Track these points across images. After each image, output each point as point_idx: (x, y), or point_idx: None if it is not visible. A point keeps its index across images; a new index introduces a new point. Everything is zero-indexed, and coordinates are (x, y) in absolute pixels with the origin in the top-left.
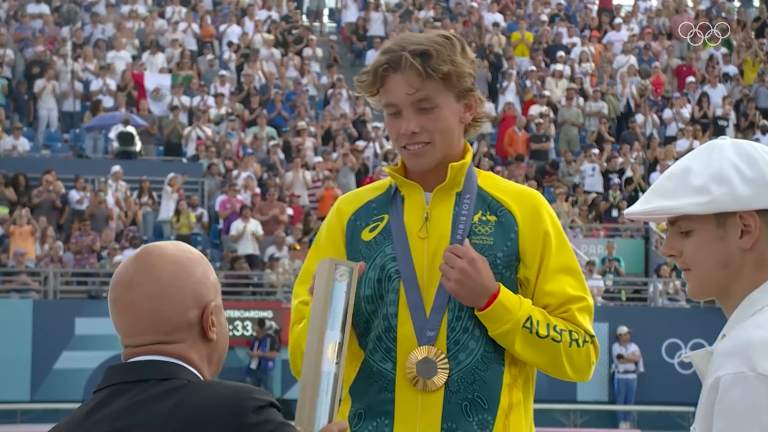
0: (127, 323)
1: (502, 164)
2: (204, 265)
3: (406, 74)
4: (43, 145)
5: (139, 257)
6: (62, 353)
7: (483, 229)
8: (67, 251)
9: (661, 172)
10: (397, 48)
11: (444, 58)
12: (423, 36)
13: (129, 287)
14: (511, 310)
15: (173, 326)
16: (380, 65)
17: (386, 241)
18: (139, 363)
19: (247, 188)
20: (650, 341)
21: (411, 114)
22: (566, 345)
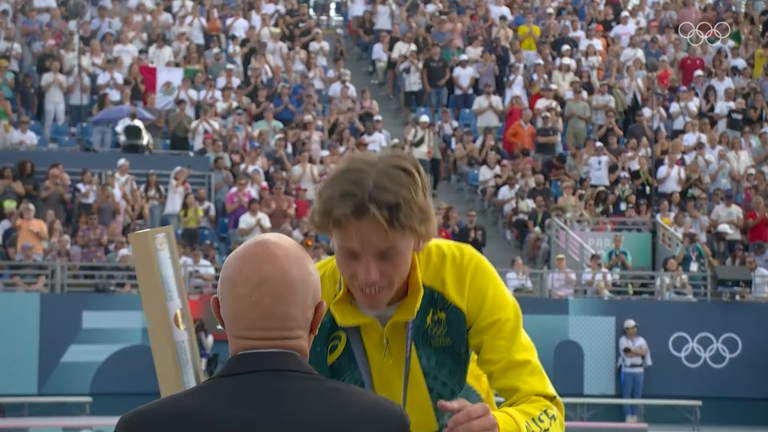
0: (252, 319)
1: (508, 158)
2: (313, 263)
3: (371, 227)
4: (51, 138)
5: (266, 258)
6: (69, 347)
7: (437, 330)
8: (74, 245)
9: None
10: (360, 193)
11: (412, 208)
12: (384, 174)
13: (258, 287)
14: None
15: (296, 324)
16: (343, 215)
17: (351, 364)
18: (286, 354)
19: (255, 182)
20: (657, 335)
21: (371, 262)
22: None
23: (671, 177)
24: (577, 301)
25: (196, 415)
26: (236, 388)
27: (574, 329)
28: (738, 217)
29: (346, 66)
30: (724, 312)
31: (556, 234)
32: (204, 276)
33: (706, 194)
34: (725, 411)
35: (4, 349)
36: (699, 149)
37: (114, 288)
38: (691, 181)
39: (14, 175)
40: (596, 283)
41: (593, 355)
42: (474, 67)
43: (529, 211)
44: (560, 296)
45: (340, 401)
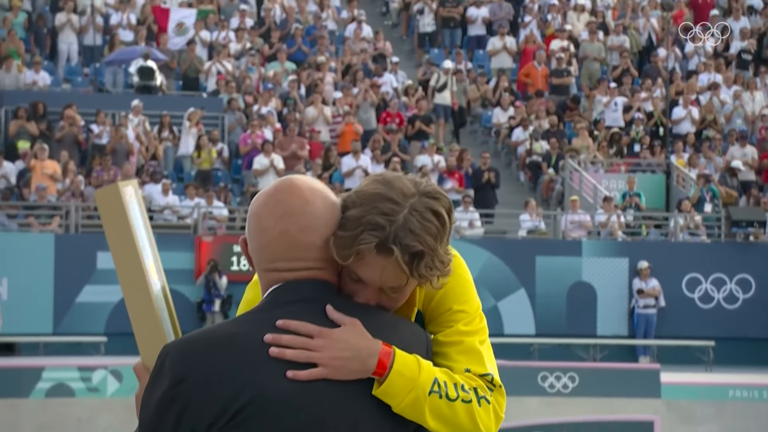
0: (278, 250)
1: (522, 99)
2: (337, 199)
3: (388, 267)
4: (64, 79)
5: (292, 190)
6: (84, 287)
7: None
8: (88, 185)
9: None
10: (389, 230)
11: (434, 261)
12: (418, 216)
13: (284, 218)
14: (410, 376)
15: (322, 255)
16: (367, 248)
17: None
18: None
19: (268, 123)
20: (671, 276)
21: (374, 294)
22: (477, 401)
23: (686, 118)
24: (590, 243)
25: (242, 339)
26: (270, 317)
27: (587, 271)
28: (753, 158)
29: (360, 7)
30: (737, 253)
31: (570, 175)
32: (217, 217)
33: (720, 135)
34: (738, 351)
35: (20, 289)
36: (714, 90)
37: None
38: (706, 123)
39: (28, 116)
40: (610, 225)
41: (606, 297)
42: (488, 8)
43: (543, 153)
44: (574, 238)
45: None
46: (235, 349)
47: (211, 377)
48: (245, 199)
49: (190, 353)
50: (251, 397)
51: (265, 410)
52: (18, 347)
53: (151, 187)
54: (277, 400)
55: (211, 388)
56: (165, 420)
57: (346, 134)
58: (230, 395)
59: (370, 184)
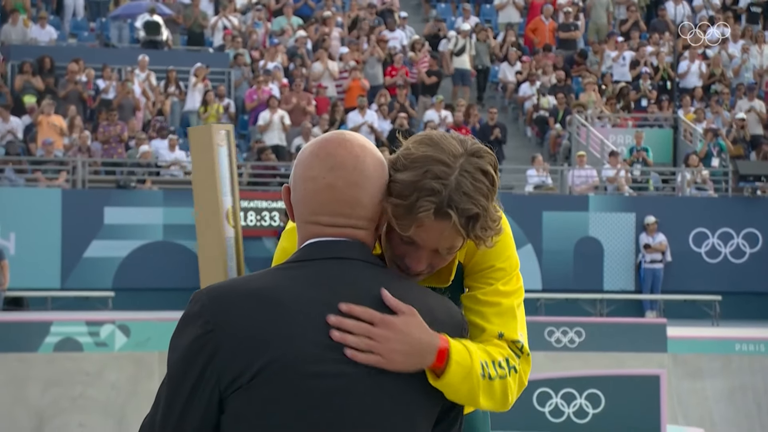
0: (323, 203)
1: (529, 54)
2: (386, 160)
3: (445, 231)
4: (70, 33)
5: (342, 144)
6: (92, 242)
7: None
8: (95, 141)
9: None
10: (445, 195)
11: (487, 220)
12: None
13: (333, 170)
14: (466, 366)
15: (366, 214)
16: (423, 211)
17: None
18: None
19: (275, 79)
20: (677, 231)
21: (426, 255)
22: (509, 377)
23: (693, 72)
24: (597, 198)
25: (276, 293)
26: (303, 274)
27: (594, 225)
28: (761, 112)
29: None
30: (745, 207)
31: (577, 131)
32: None
33: (728, 89)
34: (745, 306)
35: (27, 244)
36: (722, 44)
37: (135, 184)
38: (715, 77)
39: (33, 71)
40: (618, 180)
41: (613, 251)
42: None
43: (550, 108)
44: (580, 193)
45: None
46: (268, 303)
47: (242, 330)
48: (251, 155)
49: (224, 302)
50: (276, 356)
51: (287, 371)
52: (26, 302)
53: (158, 142)
54: (302, 362)
55: (241, 340)
56: (192, 366)
57: (353, 90)
58: (257, 351)
59: (418, 146)
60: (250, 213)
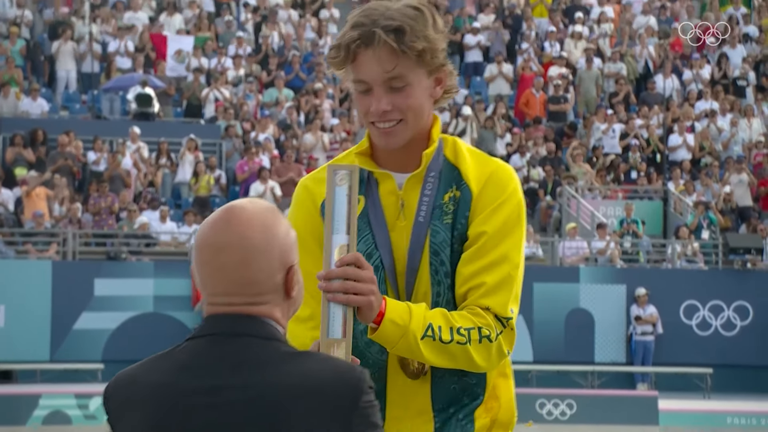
0: (215, 284)
1: (520, 126)
2: (285, 224)
3: (378, 51)
4: (62, 106)
5: (227, 220)
6: (82, 314)
7: (449, 207)
8: (85, 212)
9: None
10: (369, 22)
11: (417, 34)
12: (394, 9)
13: (219, 252)
14: (402, 324)
15: (261, 290)
16: (352, 41)
17: (367, 228)
18: (245, 318)
19: (266, 150)
20: (668, 303)
21: (382, 92)
22: (476, 343)
23: (682, 145)
24: (588, 269)
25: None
26: (196, 352)
27: (585, 297)
28: (750, 185)
29: None
30: (735, 280)
31: (568, 202)
32: None
33: (718, 162)
34: (736, 379)
35: (17, 316)
36: (711, 117)
37: (126, 255)
38: (705, 151)
39: (25, 143)
40: (609, 252)
41: (604, 323)
42: (485, 35)
43: (540, 180)
44: (571, 264)
45: (296, 366)
46: (132, 387)
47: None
48: None
49: (111, 386)
50: None
51: None
52: (15, 374)
53: (149, 213)
54: None
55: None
56: None
57: None
58: None
59: None
60: None
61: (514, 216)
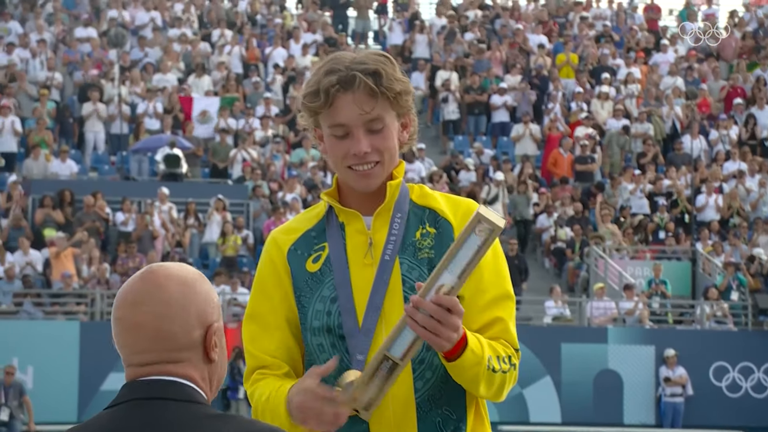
0: (133, 341)
1: (547, 186)
2: (207, 286)
3: (358, 94)
4: (91, 167)
5: (144, 277)
6: (109, 374)
7: (425, 242)
8: (113, 273)
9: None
10: (344, 68)
11: (391, 77)
12: (363, 55)
13: (135, 306)
14: (479, 354)
15: (178, 345)
16: (331, 85)
17: (329, 271)
18: (161, 382)
19: (293, 210)
20: (698, 364)
21: (362, 134)
22: (511, 371)
23: (710, 205)
24: (616, 330)
25: None
26: (116, 417)
27: (613, 358)
28: None
29: None
30: (765, 341)
31: (595, 262)
32: (242, 304)
33: (746, 222)
34: None
35: (45, 378)
36: (739, 177)
37: None
38: (732, 210)
39: (54, 204)
40: (638, 312)
41: (633, 385)
42: (512, 95)
43: (568, 240)
44: (599, 325)
45: (215, 429)
46: None
47: None
48: None
49: None
50: None
51: None
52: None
53: None
54: None
55: None
56: None
57: None
58: None
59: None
60: None
61: (498, 249)
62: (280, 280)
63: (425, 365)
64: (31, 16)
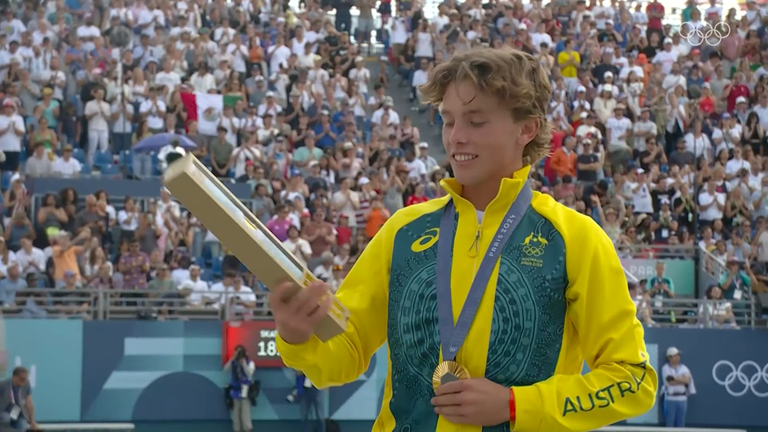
0: None
1: (549, 185)
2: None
3: (460, 84)
4: (94, 166)
5: None
6: (112, 373)
7: (533, 251)
8: (116, 272)
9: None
10: (462, 57)
11: (503, 74)
12: (493, 51)
13: None
14: (537, 410)
15: None
16: (440, 72)
17: (433, 256)
18: None
19: (296, 209)
20: (700, 363)
21: (461, 124)
22: (619, 399)
23: (713, 204)
24: None
25: None
26: None
27: None
28: None
29: (387, 93)
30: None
31: None
32: (245, 303)
33: (749, 221)
34: None
35: (48, 376)
36: (742, 176)
37: (156, 315)
38: (736, 209)
39: (57, 203)
40: (641, 311)
41: None
42: None
43: None
44: None
45: None
46: None
47: None
48: None
49: None
50: None
51: None
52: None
53: (179, 272)
54: None
55: None
56: None
57: (374, 219)
58: None
59: None
60: (270, 343)
61: (615, 263)
62: (378, 256)
63: (500, 369)
64: (34, 14)
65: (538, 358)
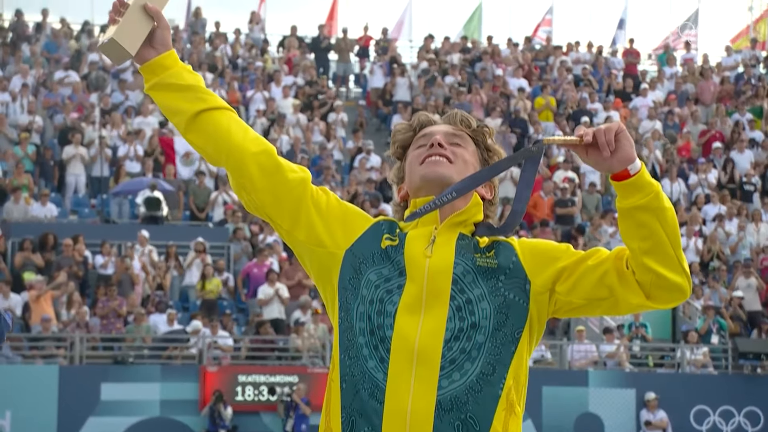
0: None
1: (527, 229)
2: None
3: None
4: (71, 210)
5: None
6: (88, 418)
7: (486, 255)
8: (93, 316)
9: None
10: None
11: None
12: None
13: None
14: (655, 183)
15: None
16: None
17: (397, 256)
18: None
19: (274, 252)
20: (678, 408)
21: (442, 136)
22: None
23: (690, 248)
24: (597, 373)
25: None
26: None
27: (594, 401)
28: (758, 289)
29: (366, 137)
30: (745, 385)
31: None
32: (222, 347)
33: (726, 266)
34: None
35: (23, 422)
36: (719, 221)
37: (133, 360)
38: (712, 253)
39: (34, 248)
40: (618, 355)
41: (614, 428)
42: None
43: None
44: (580, 368)
45: None
46: None
47: None
48: (250, 329)
49: None
50: None
51: None
52: None
53: (157, 317)
54: None
55: None
56: None
57: None
58: None
59: None
60: (248, 387)
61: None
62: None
63: (455, 366)
64: (12, 59)
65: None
